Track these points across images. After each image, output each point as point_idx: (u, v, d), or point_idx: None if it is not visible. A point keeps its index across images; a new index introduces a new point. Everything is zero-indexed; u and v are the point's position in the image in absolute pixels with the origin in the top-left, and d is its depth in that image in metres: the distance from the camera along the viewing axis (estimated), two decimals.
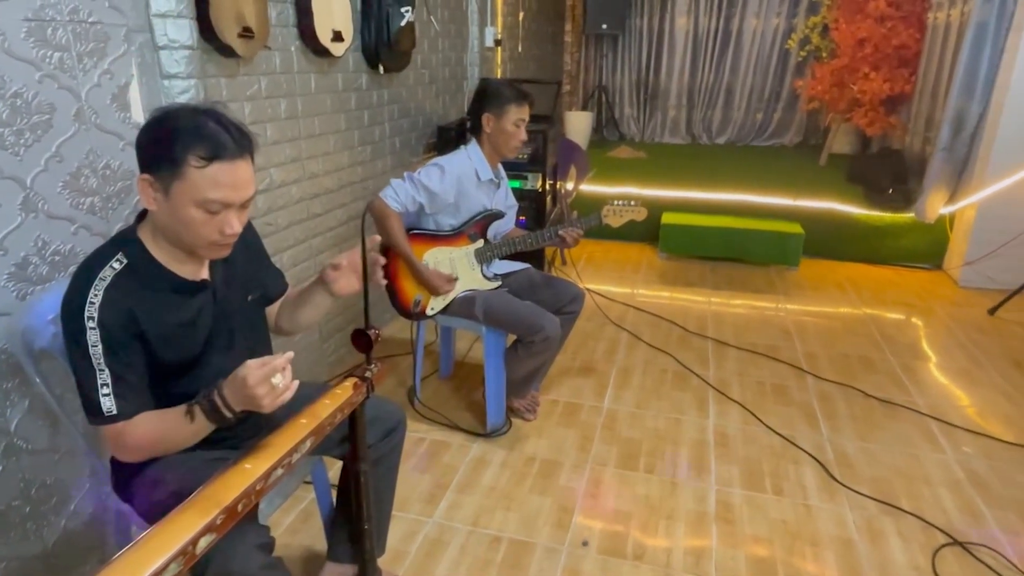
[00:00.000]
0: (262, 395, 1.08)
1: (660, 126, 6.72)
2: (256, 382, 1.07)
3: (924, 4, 4.73)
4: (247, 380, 1.07)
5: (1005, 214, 3.74)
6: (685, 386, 2.76)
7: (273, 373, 1.09)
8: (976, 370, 2.96)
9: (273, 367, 1.09)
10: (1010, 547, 1.90)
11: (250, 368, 1.08)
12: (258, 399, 1.08)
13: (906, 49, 4.82)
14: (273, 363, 1.09)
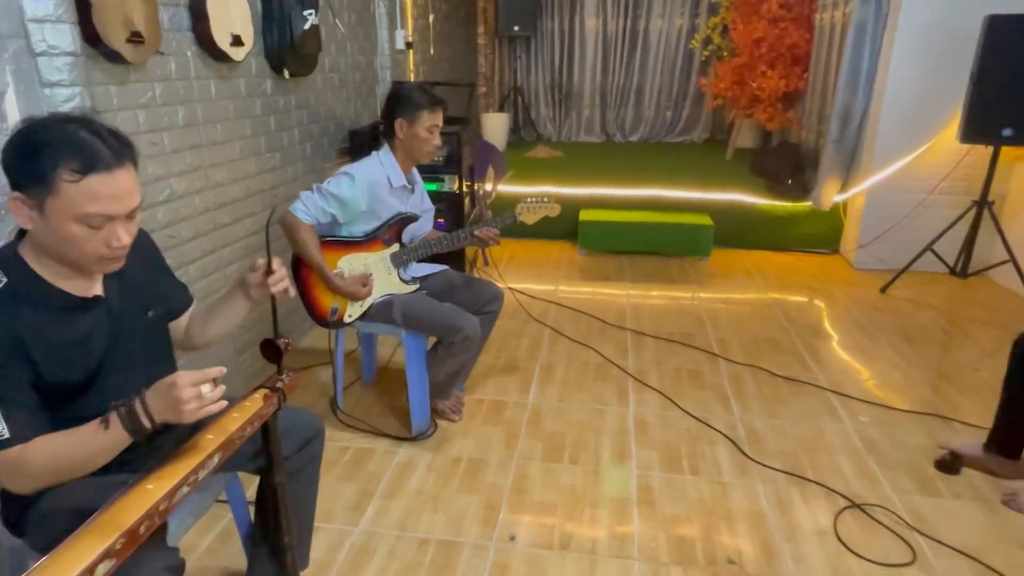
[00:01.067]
0: (187, 399, 1.05)
1: (576, 125, 6.86)
2: (185, 384, 1.05)
3: (812, 5, 5.03)
4: (176, 383, 1.05)
5: (890, 200, 4.05)
6: (606, 377, 2.84)
7: (205, 381, 1.07)
8: (871, 345, 3.19)
9: (205, 375, 1.07)
10: (901, 504, 2.06)
11: (181, 374, 1.06)
12: (182, 404, 1.05)
13: (798, 48, 5.12)
14: (206, 372, 1.08)
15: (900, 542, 1.90)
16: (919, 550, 1.87)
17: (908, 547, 1.88)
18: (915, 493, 2.12)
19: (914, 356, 3.07)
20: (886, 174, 4.02)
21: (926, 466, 2.25)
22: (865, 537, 1.93)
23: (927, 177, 3.96)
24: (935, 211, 3.93)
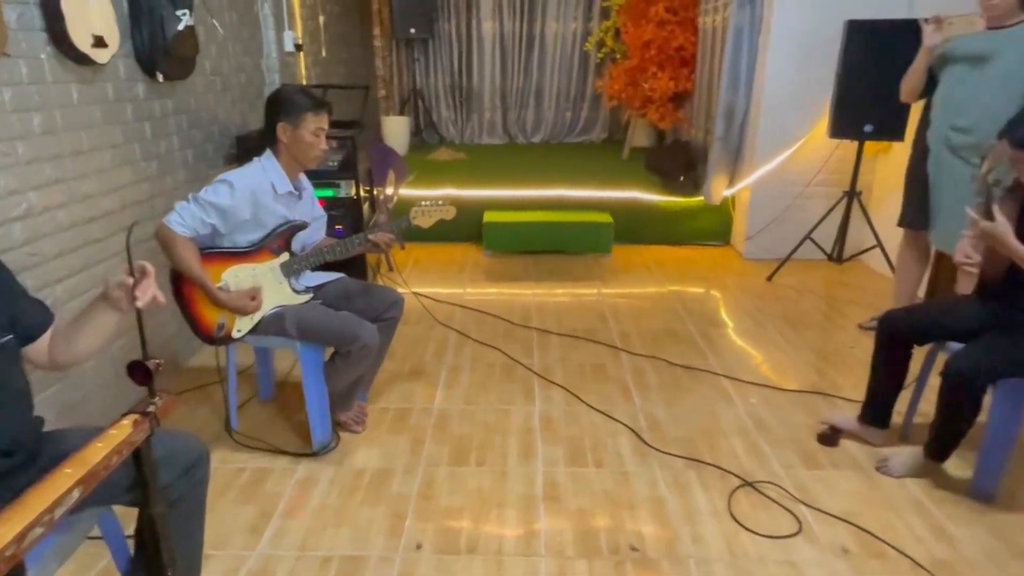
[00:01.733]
0: None
1: (478, 127, 6.88)
2: None
3: (695, 10, 5.28)
4: None
5: (772, 193, 4.31)
6: (512, 377, 2.86)
7: None
8: (760, 331, 3.38)
9: None
10: (788, 479, 2.19)
11: None
12: None
13: (685, 50, 5.36)
14: None
15: (788, 514, 2.02)
16: (804, 520, 1.99)
17: (795, 518, 2.00)
18: (800, 467, 2.26)
19: (798, 339, 3.27)
20: (767, 169, 4.27)
21: (809, 441, 2.41)
22: (756, 513, 2.03)
23: (803, 171, 4.24)
24: (812, 202, 4.22)
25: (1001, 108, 2.44)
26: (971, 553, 1.87)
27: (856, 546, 1.90)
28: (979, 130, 2.54)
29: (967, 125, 2.59)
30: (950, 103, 2.68)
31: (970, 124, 2.58)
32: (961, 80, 2.64)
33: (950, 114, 2.67)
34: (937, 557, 1.86)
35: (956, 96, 2.65)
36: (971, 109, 2.58)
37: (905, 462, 2.20)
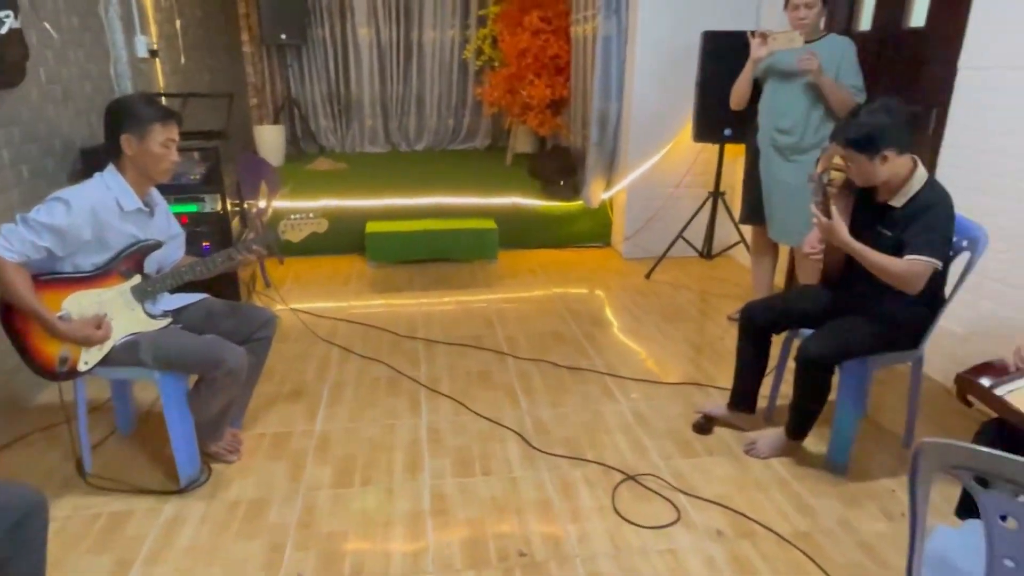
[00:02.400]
0: None
1: (359, 136, 6.72)
2: None
3: (568, 19, 5.44)
4: None
5: (646, 195, 4.50)
6: (398, 390, 2.80)
7: None
8: (640, 327, 3.52)
9: None
10: (667, 469, 2.28)
11: None
12: None
13: (559, 58, 5.50)
14: None
15: (667, 504, 2.11)
16: (682, 508, 2.09)
17: (673, 507, 2.09)
18: (678, 457, 2.36)
19: (675, 333, 3.44)
20: (640, 173, 4.46)
21: (686, 430, 2.52)
22: (638, 505, 2.10)
23: (673, 173, 4.47)
24: (682, 203, 4.45)
25: (813, 112, 2.96)
26: (827, 523, 2.03)
27: (729, 528, 2.00)
28: (798, 131, 3.00)
29: (788, 127, 3.03)
30: (773, 109, 3.09)
31: (790, 126, 3.02)
32: (780, 88, 3.05)
33: (774, 118, 3.08)
34: (799, 530, 2.00)
35: (777, 103, 3.07)
36: (790, 114, 3.01)
37: (770, 443, 2.36)
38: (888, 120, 1.99)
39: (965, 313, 2.71)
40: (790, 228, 3.12)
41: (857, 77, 2.91)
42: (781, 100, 3.05)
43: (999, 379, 1.50)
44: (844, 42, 2.93)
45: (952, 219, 2.04)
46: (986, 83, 2.62)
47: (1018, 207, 2.51)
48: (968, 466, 0.97)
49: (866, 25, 3.39)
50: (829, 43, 2.93)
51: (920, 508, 1.09)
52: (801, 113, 2.98)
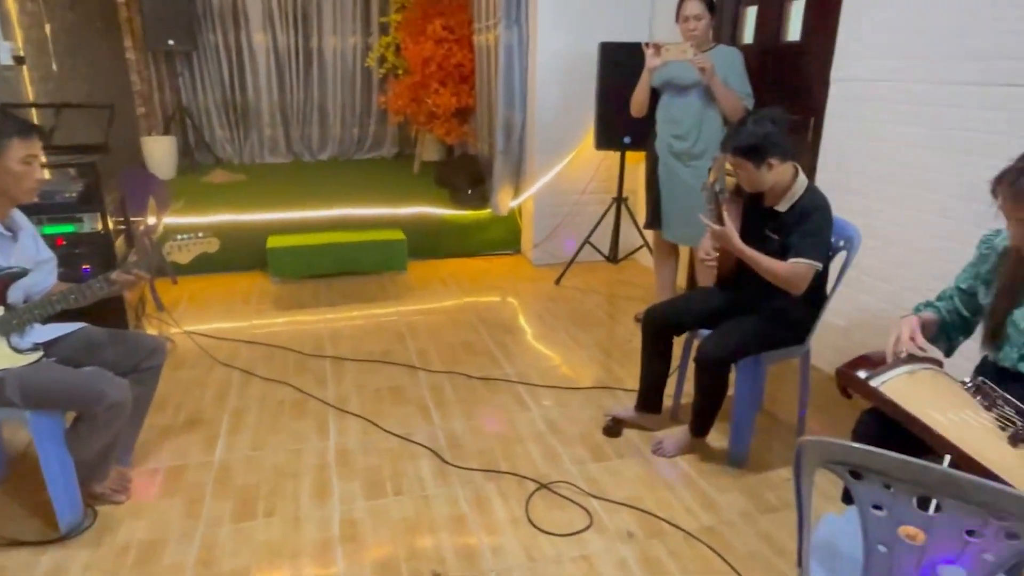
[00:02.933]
0: None
1: (259, 146, 6.46)
2: None
3: (470, 28, 5.45)
4: None
5: (553, 202, 4.57)
6: (304, 413, 2.70)
7: None
8: (551, 333, 3.56)
9: None
10: (579, 475, 2.31)
11: None
12: None
13: (463, 67, 5.50)
14: None
15: (580, 510, 2.13)
16: (594, 513, 2.12)
17: (586, 512, 2.11)
18: (589, 461, 2.40)
19: (585, 337, 3.50)
20: (546, 180, 4.53)
21: (596, 434, 2.57)
22: (552, 513, 2.12)
23: (578, 180, 4.56)
24: (588, 209, 4.55)
25: (706, 118, 3.16)
26: (730, 516, 2.11)
27: (640, 528, 2.05)
28: (692, 137, 3.20)
29: (683, 134, 3.22)
30: (669, 117, 3.27)
31: (685, 133, 3.21)
32: (675, 98, 3.23)
33: (671, 125, 3.26)
34: (705, 525, 2.07)
35: (672, 111, 3.25)
36: (684, 121, 3.20)
37: (676, 442, 2.44)
38: (772, 129, 2.11)
39: (845, 307, 2.92)
40: (688, 230, 3.27)
41: (745, 84, 3.11)
42: (676, 109, 3.23)
43: (874, 371, 1.60)
44: (732, 52, 3.14)
45: (830, 222, 2.18)
46: (855, 94, 2.83)
47: (888, 208, 2.72)
48: (842, 461, 1.03)
49: (749, 38, 3.59)
50: (718, 53, 3.11)
51: (805, 501, 1.15)
52: (695, 120, 3.17)
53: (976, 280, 1.69)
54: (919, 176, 2.57)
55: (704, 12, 3.06)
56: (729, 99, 3.06)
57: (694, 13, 3.06)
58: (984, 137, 2.31)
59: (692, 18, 3.07)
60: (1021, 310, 1.55)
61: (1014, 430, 1.37)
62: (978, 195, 2.32)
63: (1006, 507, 0.90)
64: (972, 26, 2.32)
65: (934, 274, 2.49)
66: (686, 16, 3.08)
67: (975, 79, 2.32)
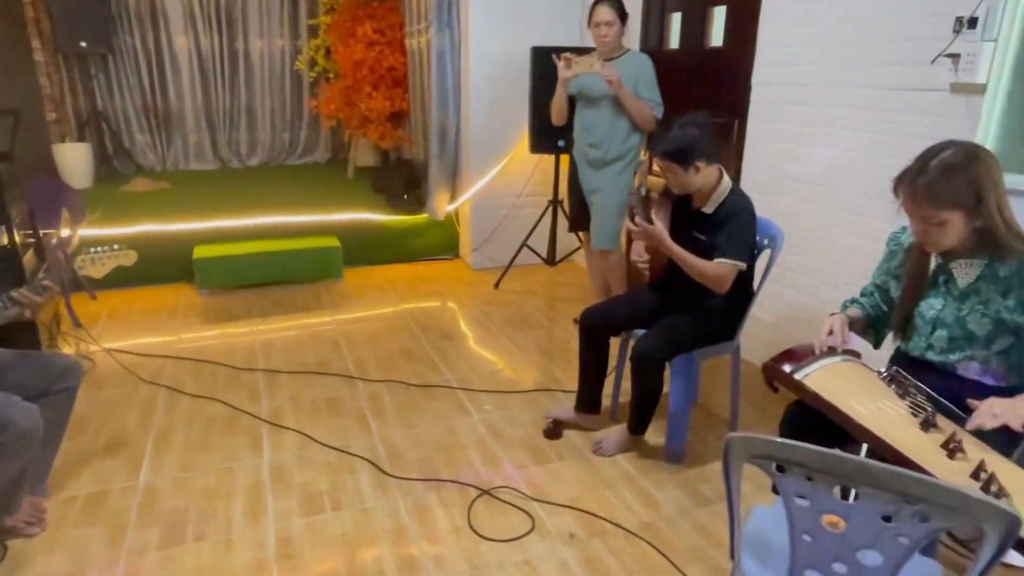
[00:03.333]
0: None
1: (183, 152, 6.20)
2: None
3: (402, 31, 5.39)
4: None
5: (490, 205, 4.57)
6: (236, 429, 2.60)
7: None
8: (491, 337, 3.55)
9: None
10: (521, 479, 2.31)
11: None
12: None
13: (396, 71, 5.44)
14: None
15: (522, 514, 2.13)
16: (537, 517, 2.12)
17: (528, 516, 2.11)
18: (530, 465, 2.40)
19: (525, 340, 3.51)
20: (482, 184, 4.52)
21: (537, 437, 2.57)
22: (494, 519, 2.11)
23: (514, 183, 4.57)
24: (525, 212, 4.57)
25: (617, 127, 3.19)
26: (669, 511, 2.16)
27: (581, 529, 2.07)
28: (604, 145, 3.23)
29: (596, 142, 3.25)
30: (583, 125, 3.30)
31: (598, 141, 3.24)
32: (588, 108, 3.26)
33: (585, 134, 3.30)
34: (644, 521, 2.10)
35: (586, 120, 3.28)
36: (597, 130, 3.23)
37: (615, 441, 2.47)
38: (698, 133, 2.17)
39: (771, 303, 3.03)
40: (608, 233, 3.36)
41: (654, 91, 3.15)
42: (589, 118, 3.26)
43: (798, 365, 1.66)
44: (642, 59, 3.17)
45: (754, 223, 2.26)
46: (774, 97, 2.94)
47: (808, 206, 2.84)
48: (766, 455, 1.06)
49: (675, 43, 3.69)
50: (628, 59, 3.16)
51: (734, 495, 1.18)
52: (607, 130, 3.21)
53: (888, 276, 1.78)
54: (833, 176, 2.70)
55: (615, 18, 3.08)
56: (638, 109, 3.10)
57: (605, 19, 3.08)
58: (888, 138, 2.45)
59: (603, 24, 3.09)
60: (926, 302, 1.64)
61: (925, 416, 1.45)
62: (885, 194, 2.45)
63: (917, 492, 0.95)
64: (875, 34, 2.45)
65: (851, 270, 2.62)
66: (597, 22, 3.10)
67: (879, 83, 2.45)
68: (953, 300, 1.58)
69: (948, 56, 2.13)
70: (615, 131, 3.20)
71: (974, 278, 1.54)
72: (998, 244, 1.47)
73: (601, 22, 3.09)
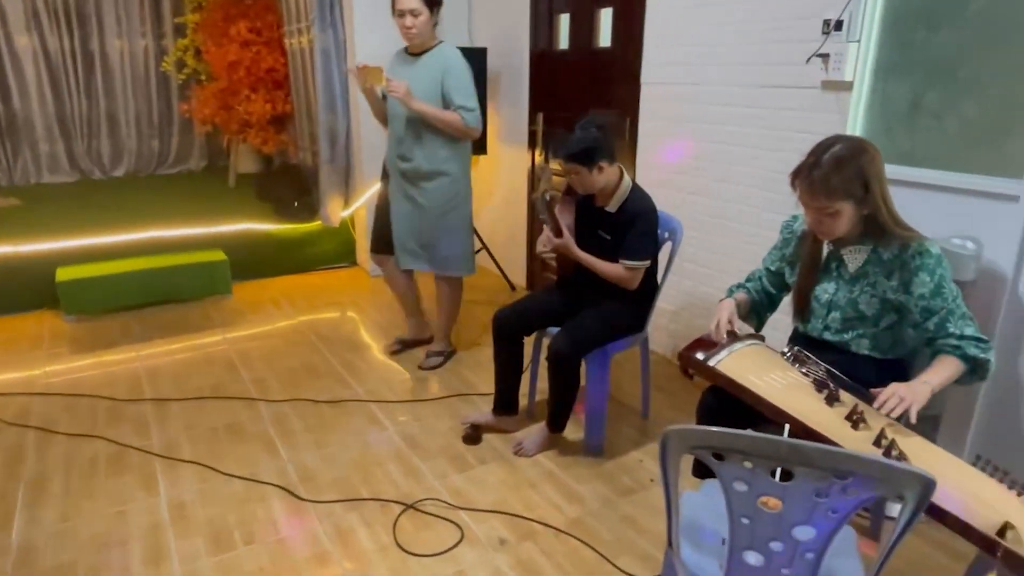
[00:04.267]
0: None
1: (34, 164, 5.58)
2: None
3: (281, 31, 5.14)
4: None
5: None
6: (124, 468, 2.36)
7: None
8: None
9: None
10: (445, 489, 2.26)
11: None
12: None
13: (276, 72, 5.17)
14: None
15: (449, 525, 2.08)
16: (464, 525, 2.08)
17: (456, 527, 2.07)
18: (453, 473, 2.35)
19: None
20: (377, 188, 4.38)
21: (457, 444, 2.53)
22: (421, 534, 2.04)
23: None
24: None
25: (425, 137, 2.77)
26: (594, 505, 2.19)
27: (511, 533, 2.05)
28: (415, 157, 2.82)
29: (406, 153, 2.83)
30: (394, 135, 2.88)
31: (408, 152, 2.83)
32: (396, 116, 2.82)
33: (395, 144, 2.87)
34: (572, 518, 2.12)
35: (395, 128, 2.85)
36: (405, 140, 2.81)
37: (535, 440, 2.47)
38: (599, 134, 2.21)
39: (673, 293, 3.16)
40: (421, 253, 3.03)
41: (466, 95, 2.69)
42: (398, 128, 2.83)
43: (710, 352, 1.74)
44: (453, 56, 2.73)
45: (656, 221, 2.34)
46: (663, 96, 3.07)
47: (699, 199, 2.98)
48: (704, 445, 1.09)
49: (564, 44, 3.75)
50: (439, 56, 2.73)
51: (672, 487, 1.20)
52: (414, 140, 2.80)
53: (782, 262, 1.90)
54: (723, 170, 2.85)
55: (422, 7, 2.62)
56: (440, 120, 2.70)
57: (409, 7, 2.60)
58: (770, 133, 2.62)
59: (408, 13, 2.61)
60: (821, 286, 1.76)
61: (828, 392, 1.55)
62: (771, 185, 2.64)
63: (845, 467, 1.01)
64: (753, 36, 2.60)
65: (744, 257, 2.78)
66: (401, 10, 2.63)
67: (759, 82, 2.62)
68: (845, 284, 1.71)
69: (819, 56, 2.31)
70: (424, 142, 2.79)
71: (862, 262, 1.67)
72: (882, 230, 1.60)
73: (405, 10, 2.61)
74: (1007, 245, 1.92)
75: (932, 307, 1.58)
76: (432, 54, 2.75)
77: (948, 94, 2.05)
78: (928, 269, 1.58)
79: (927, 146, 2.12)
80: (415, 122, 2.77)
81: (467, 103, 2.73)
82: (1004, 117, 1.93)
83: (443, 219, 2.95)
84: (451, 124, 2.73)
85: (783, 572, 1.15)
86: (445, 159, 2.84)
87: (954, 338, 1.56)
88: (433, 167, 2.84)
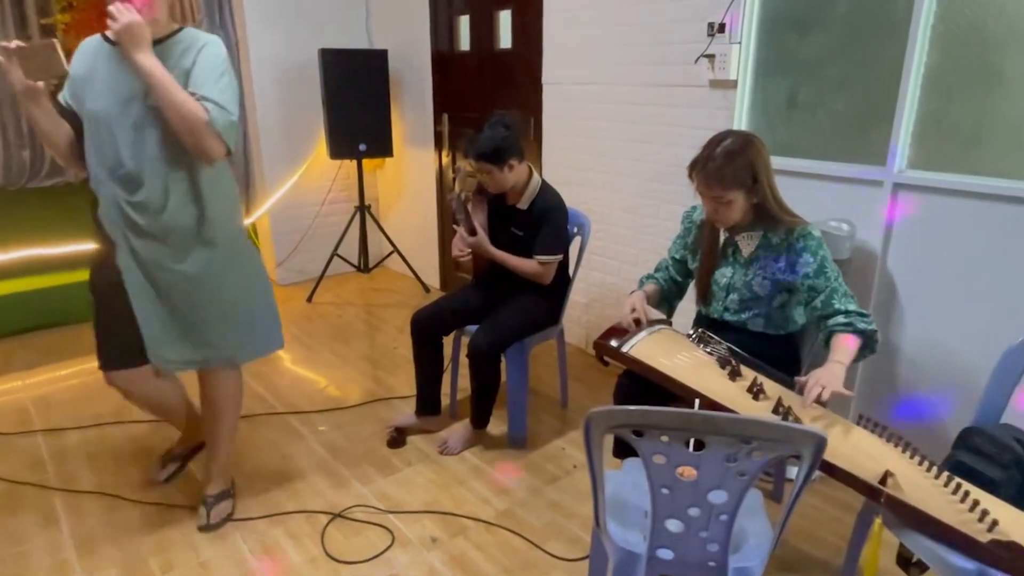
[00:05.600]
0: None
1: None
2: None
3: None
4: None
5: (292, 216, 4.33)
6: (19, 506, 2.18)
7: None
8: (313, 355, 3.38)
9: None
10: (372, 494, 2.25)
11: None
12: None
13: None
14: None
15: (379, 529, 2.07)
16: (395, 528, 2.08)
17: (387, 531, 2.06)
18: (379, 478, 2.34)
19: (350, 352, 3.39)
20: (280, 194, 4.27)
21: (381, 449, 2.52)
22: (351, 541, 2.02)
23: (316, 191, 4.38)
24: (332, 220, 4.41)
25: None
26: (522, 495, 2.24)
27: (442, 532, 2.07)
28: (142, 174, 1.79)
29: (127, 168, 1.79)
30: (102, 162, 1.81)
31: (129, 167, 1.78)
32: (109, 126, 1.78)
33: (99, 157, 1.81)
34: (501, 510, 2.17)
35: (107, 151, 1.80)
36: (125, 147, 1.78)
37: (460, 438, 2.50)
38: (507, 133, 2.27)
39: (583, 286, 3.28)
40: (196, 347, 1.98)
41: (213, 88, 1.72)
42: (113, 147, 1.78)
43: (622, 339, 1.83)
44: (199, 40, 1.77)
45: (565, 216, 2.42)
46: (563, 95, 3.17)
47: (602, 193, 3.11)
48: (625, 424, 1.16)
49: (465, 46, 3.79)
50: (178, 45, 1.76)
51: (597, 466, 1.27)
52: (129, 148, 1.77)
53: (685, 250, 2.02)
54: (623, 165, 2.99)
55: None
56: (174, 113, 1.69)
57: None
58: (664, 129, 2.77)
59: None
60: (719, 271, 1.90)
61: (731, 368, 1.68)
62: (668, 178, 2.79)
63: (750, 433, 1.11)
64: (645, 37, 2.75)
65: (647, 247, 2.93)
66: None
67: (652, 81, 2.76)
68: (740, 267, 1.85)
69: (706, 56, 2.47)
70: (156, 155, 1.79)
71: (754, 247, 1.81)
72: (771, 216, 1.75)
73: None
74: (875, 226, 2.15)
75: (817, 286, 1.74)
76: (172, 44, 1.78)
77: (819, 90, 2.25)
78: (811, 251, 1.74)
79: (804, 138, 2.32)
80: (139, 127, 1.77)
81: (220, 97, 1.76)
82: (867, 110, 2.15)
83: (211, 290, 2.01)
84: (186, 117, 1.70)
85: (701, 535, 1.24)
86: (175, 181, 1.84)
87: (842, 315, 1.72)
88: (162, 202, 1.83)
